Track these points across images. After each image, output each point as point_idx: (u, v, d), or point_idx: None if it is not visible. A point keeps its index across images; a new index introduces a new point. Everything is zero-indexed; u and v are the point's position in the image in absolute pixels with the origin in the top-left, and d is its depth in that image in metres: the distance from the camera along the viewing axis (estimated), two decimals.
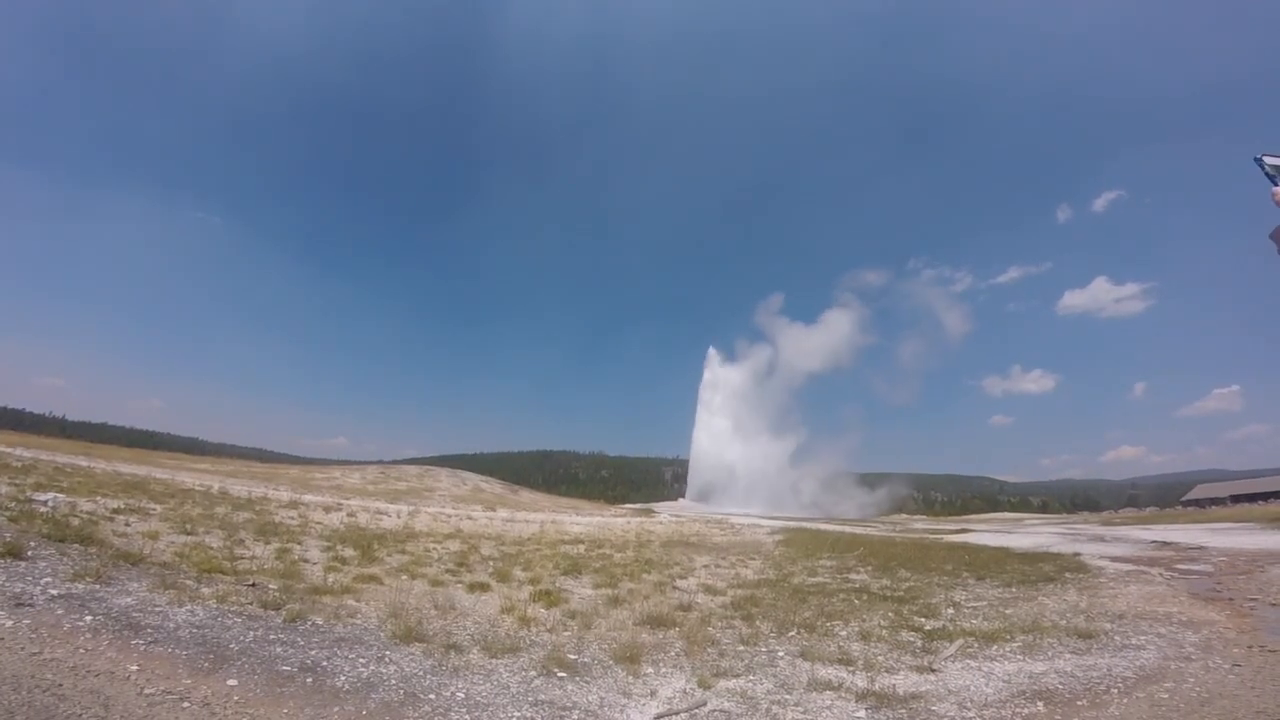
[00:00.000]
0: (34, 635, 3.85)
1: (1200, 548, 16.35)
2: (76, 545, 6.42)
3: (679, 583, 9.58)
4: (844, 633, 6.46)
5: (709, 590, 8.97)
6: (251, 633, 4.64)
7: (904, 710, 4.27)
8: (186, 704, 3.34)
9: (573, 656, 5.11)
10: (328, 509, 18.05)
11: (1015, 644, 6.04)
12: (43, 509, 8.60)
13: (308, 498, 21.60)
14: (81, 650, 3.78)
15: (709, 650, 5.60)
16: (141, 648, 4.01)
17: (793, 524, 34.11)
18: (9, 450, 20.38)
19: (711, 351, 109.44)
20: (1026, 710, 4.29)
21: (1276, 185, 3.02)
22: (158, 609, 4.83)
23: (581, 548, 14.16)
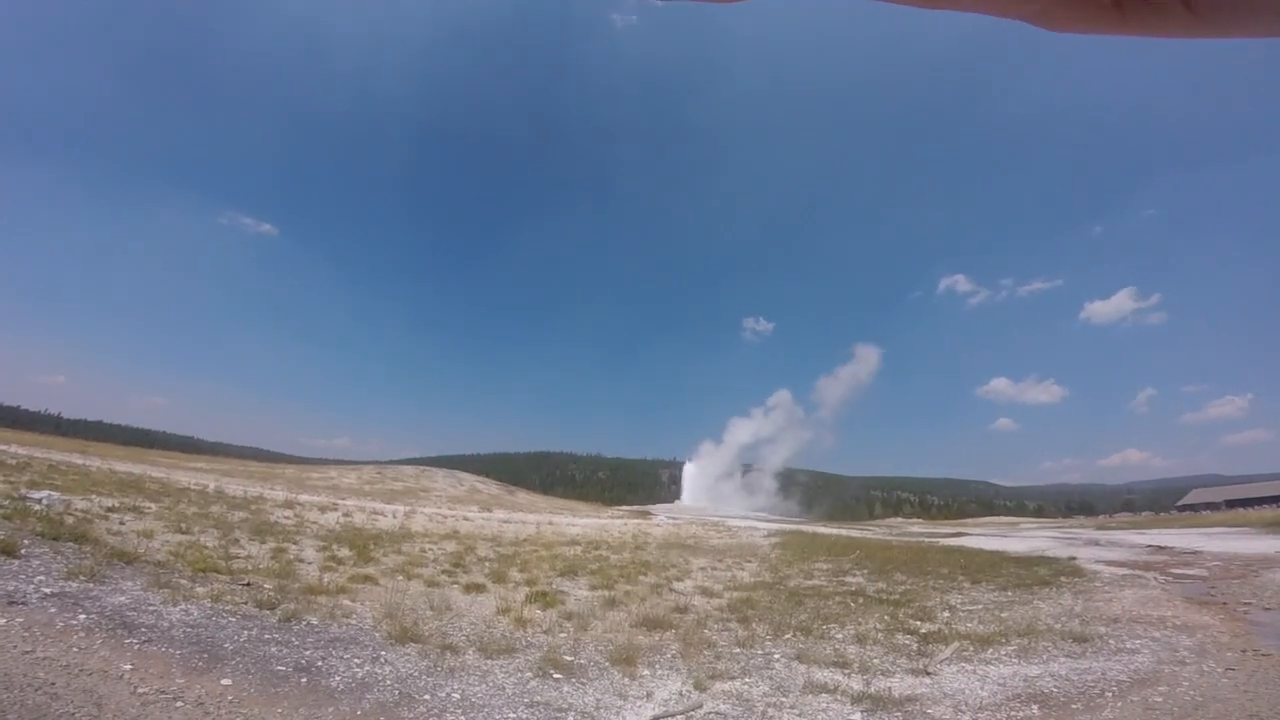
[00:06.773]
0: (27, 634, 3.83)
1: (1195, 552, 16.42)
2: (71, 543, 6.39)
3: (675, 585, 9.58)
4: (840, 635, 6.46)
5: (705, 592, 8.96)
6: (246, 632, 4.63)
7: (899, 713, 4.28)
8: (180, 703, 3.33)
9: (569, 658, 5.11)
10: (323, 509, 17.99)
11: (1010, 647, 6.05)
12: (37, 507, 8.55)
13: (304, 497, 21.52)
14: (75, 649, 3.77)
15: (705, 652, 5.59)
16: (135, 647, 3.99)
17: (789, 527, 34.11)
18: (4, 448, 20.25)
19: (706, 445, 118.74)
20: (1021, 713, 4.30)
21: None
22: (152, 608, 4.81)
23: (578, 549, 14.15)
